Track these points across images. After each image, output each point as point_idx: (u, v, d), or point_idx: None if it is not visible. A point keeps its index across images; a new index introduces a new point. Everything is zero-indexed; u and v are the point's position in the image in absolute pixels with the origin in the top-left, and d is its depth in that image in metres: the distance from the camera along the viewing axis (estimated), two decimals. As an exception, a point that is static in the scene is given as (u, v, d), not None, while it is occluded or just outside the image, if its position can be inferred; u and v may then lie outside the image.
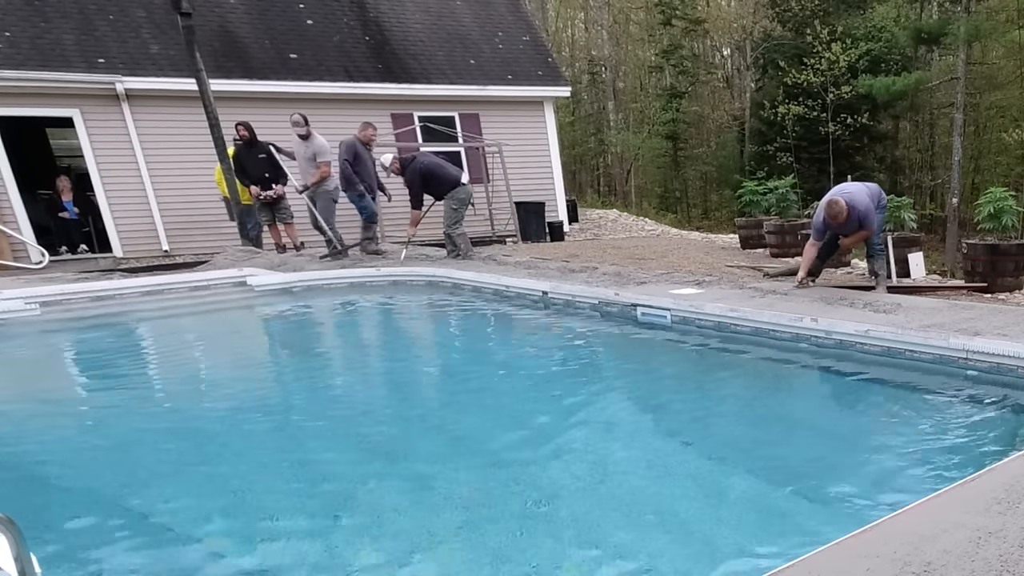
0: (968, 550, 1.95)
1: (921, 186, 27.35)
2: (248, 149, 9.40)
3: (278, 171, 9.58)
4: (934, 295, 6.86)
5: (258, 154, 9.41)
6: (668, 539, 2.61)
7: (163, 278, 7.91)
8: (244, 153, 9.42)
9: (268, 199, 9.53)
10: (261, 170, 9.46)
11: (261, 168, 9.46)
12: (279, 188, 9.57)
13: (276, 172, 9.57)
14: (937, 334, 4.33)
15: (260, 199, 9.51)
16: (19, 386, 5.01)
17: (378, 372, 5.46)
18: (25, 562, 1.21)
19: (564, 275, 7.46)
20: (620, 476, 3.20)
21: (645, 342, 5.72)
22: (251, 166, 9.43)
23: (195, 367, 5.63)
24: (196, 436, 3.83)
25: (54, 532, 2.70)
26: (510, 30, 15.32)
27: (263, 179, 9.47)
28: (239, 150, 9.43)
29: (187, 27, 8.81)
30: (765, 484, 3.12)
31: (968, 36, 21.06)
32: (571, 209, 16.32)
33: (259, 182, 9.44)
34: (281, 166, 9.58)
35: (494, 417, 4.10)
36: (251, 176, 9.44)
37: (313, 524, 2.75)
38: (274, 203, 9.66)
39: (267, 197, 9.51)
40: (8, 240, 10.48)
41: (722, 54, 33.69)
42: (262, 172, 9.47)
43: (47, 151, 13.29)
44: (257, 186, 9.43)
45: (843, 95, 21.66)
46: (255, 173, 9.44)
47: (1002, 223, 7.99)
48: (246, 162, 9.41)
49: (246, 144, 9.36)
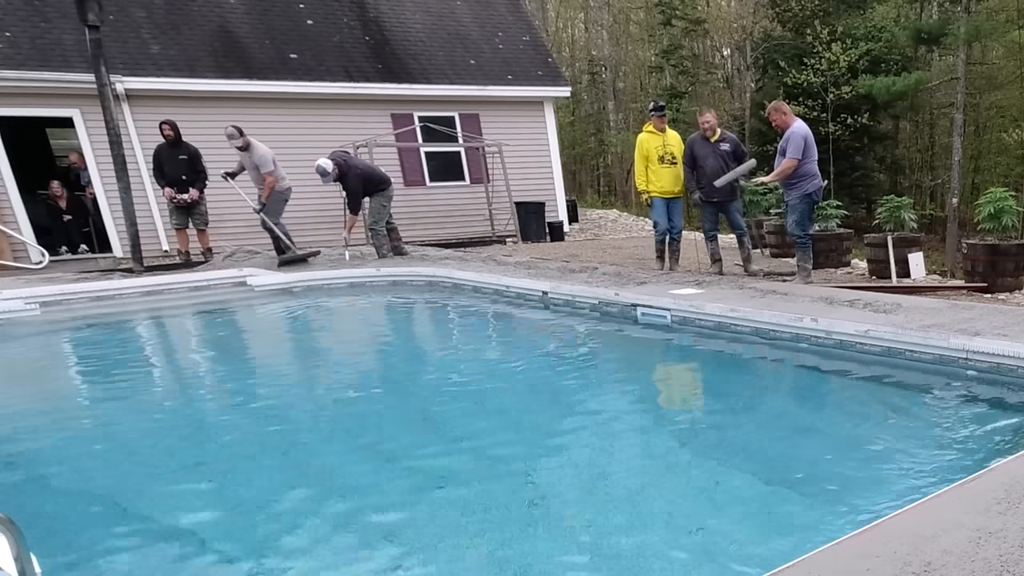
0: (968, 550, 1.95)
1: (921, 186, 27.36)
2: (170, 149, 9.17)
3: (197, 175, 9.36)
4: (934, 295, 6.86)
5: (179, 155, 9.19)
6: (668, 539, 2.61)
7: (163, 278, 7.91)
8: (165, 152, 9.17)
9: (182, 203, 9.30)
10: (179, 171, 9.22)
11: (179, 169, 9.22)
12: (194, 192, 9.33)
13: (195, 175, 9.35)
14: (937, 334, 4.33)
15: (173, 202, 9.27)
16: (19, 386, 5.01)
17: (378, 372, 5.46)
18: (25, 562, 1.21)
19: (564, 275, 7.46)
20: (620, 476, 3.20)
21: (645, 342, 5.72)
22: (170, 166, 9.19)
23: (195, 367, 5.63)
24: (196, 436, 3.83)
25: (54, 532, 2.70)
26: (510, 30, 15.32)
27: (180, 181, 9.24)
28: (160, 149, 9.21)
29: (94, 40, 8.59)
30: (764, 484, 3.12)
31: (968, 36, 21.05)
32: (571, 209, 16.32)
33: (175, 184, 9.21)
34: (202, 170, 9.37)
35: (494, 417, 4.09)
36: (168, 177, 9.20)
37: (313, 524, 2.75)
38: (190, 207, 9.41)
39: (181, 201, 9.28)
40: (8, 240, 10.48)
41: (722, 54, 33.67)
42: (179, 174, 9.23)
43: (47, 151, 13.29)
44: (172, 188, 9.19)
45: (843, 95, 21.64)
46: (172, 174, 9.19)
47: (1002, 223, 7.99)
48: (165, 162, 9.17)
49: (169, 143, 9.14)
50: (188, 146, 9.34)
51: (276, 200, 8.96)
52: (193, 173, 9.34)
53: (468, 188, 14.26)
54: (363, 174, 8.64)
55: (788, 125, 7.08)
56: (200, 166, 9.38)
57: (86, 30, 8.66)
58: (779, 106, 7.24)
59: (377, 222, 8.94)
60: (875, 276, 8.69)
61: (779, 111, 7.15)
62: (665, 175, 7.68)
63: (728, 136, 7.52)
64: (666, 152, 7.66)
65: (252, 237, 10.44)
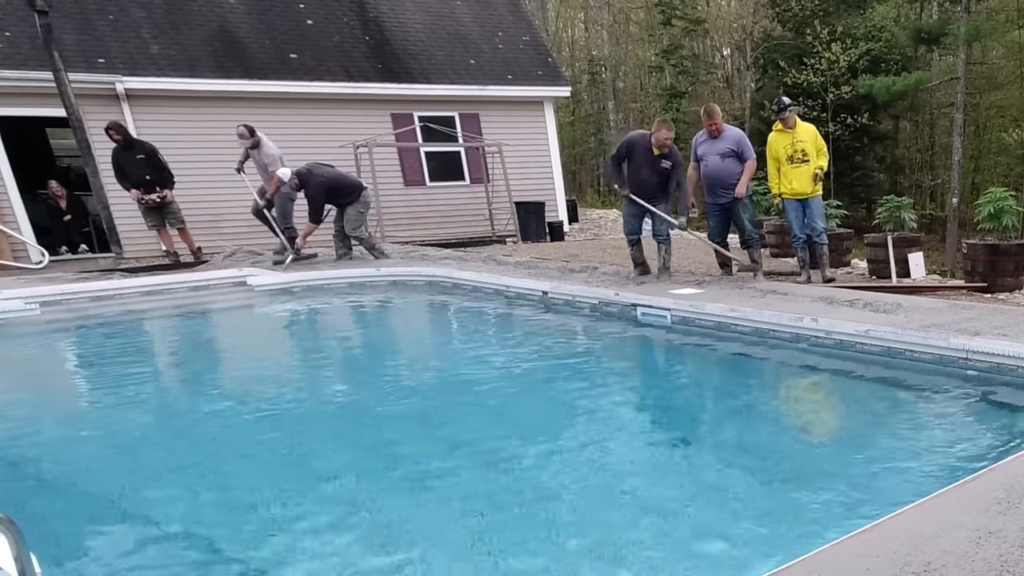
0: (968, 550, 1.95)
1: (921, 186, 27.35)
2: (125, 151, 8.97)
3: (162, 173, 9.15)
4: (934, 295, 6.86)
5: (136, 155, 8.99)
6: (667, 538, 2.61)
7: (163, 278, 7.91)
8: (122, 156, 8.99)
9: (151, 203, 9.15)
10: (141, 172, 9.02)
11: (141, 170, 9.02)
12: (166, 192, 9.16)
13: (159, 175, 9.14)
14: (937, 334, 4.33)
15: (142, 203, 9.12)
16: (19, 386, 5.01)
17: (378, 372, 5.45)
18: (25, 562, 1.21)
19: (564, 275, 7.46)
20: (619, 475, 3.20)
21: (645, 342, 5.72)
22: (130, 168, 9.01)
23: (195, 367, 5.63)
24: (196, 435, 3.83)
25: (54, 532, 2.70)
26: (510, 30, 15.32)
27: (144, 181, 9.04)
28: (116, 153, 9.02)
29: (44, 25, 8.52)
30: (764, 483, 3.12)
31: (968, 36, 21.05)
32: (571, 209, 16.32)
33: (140, 185, 9.03)
34: (166, 168, 9.17)
35: (493, 417, 4.09)
36: (131, 179, 9.03)
37: (312, 524, 2.75)
38: (161, 207, 9.25)
39: (150, 201, 9.12)
40: (8, 240, 10.48)
41: (722, 54, 33.67)
42: (142, 175, 9.02)
43: (47, 151, 13.29)
44: (138, 189, 9.02)
45: (843, 95, 21.64)
46: (135, 176, 9.01)
47: (1002, 223, 7.99)
48: (124, 164, 9.01)
49: (122, 147, 8.94)
50: (144, 145, 9.14)
51: (283, 199, 9.00)
52: (155, 171, 9.12)
53: (468, 188, 14.25)
54: (327, 183, 8.46)
55: (723, 129, 7.03)
56: (160, 163, 9.16)
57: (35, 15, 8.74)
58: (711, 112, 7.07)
59: (356, 229, 8.88)
60: (875, 276, 8.69)
61: (712, 118, 7.00)
62: (796, 175, 7.25)
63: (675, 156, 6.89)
64: (796, 151, 7.22)
65: (252, 237, 10.43)
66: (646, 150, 6.80)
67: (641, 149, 6.82)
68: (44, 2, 8.53)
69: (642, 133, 6.99)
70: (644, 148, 6.81)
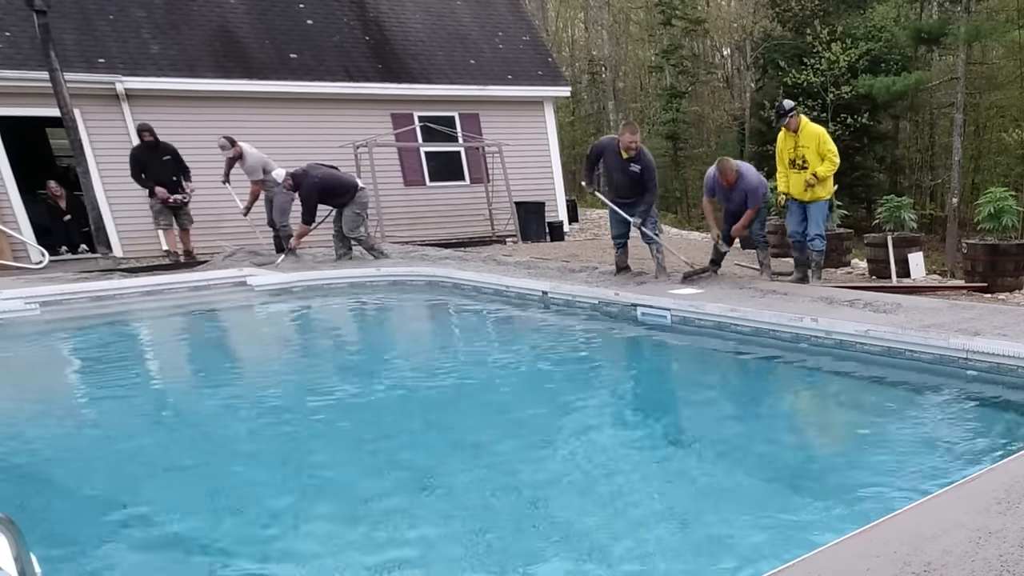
0: (968, 550, 1.95)
1: (921, 186, 27.34)
2: (152, 152, 9.21)
3: (185, 173, 9.43)
4: (934, 295, 6.86)
5: (162, 156, 9.23)
6: (667, 538, 2.61)
7: (163, 278, 7.91)
8: (146, 156, 9.21)
9: (177, 203, 9.35)
10: (168, 173, 9.27)
11: (168, 171, 9.27)
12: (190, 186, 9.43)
13: (184, 174, 9.41)
14: (937, 334, 4.33)
15: (169, 202, 9.30)
16: (19, 386, 5.01)
17: (378, 372, 5.45)
18: (25, 562, 1.21)
19: (564, 275, 7.46)
20: (619, 475, 3.20)
21: (645, 342, 5.72)
22: (156, 169, 9.25)
23: (195, 367, 5.63)
24: (197, 435, 3.83)
25: (54, 532, 2.70)
26: (510, 30, 15.31)
27: (171, 182, 9.29)
28: (138, 152, 9.23)
29: (42, 25, 8.59)
30: (764, 483, 3.12)
31: (968, 36, 21.05)
32: (571, 209, 16.30)
33: (166, 185, 9.26)
34: (187, 168, 9.46)
35: (493, 417, 4.09)
36: (157, 180, 9.24)
37: (314, 524, 2.75)
38: (179, 207, 9.48)
39: (175, 201, 9.32)
40: (8, 240, 10.48)
41: (722, 54, 33.67)
42: (169, 175, 9.28)
43: (47, 151, 13.29)
44: (164, 188, 9.23)
45: (843, 95, 21.65)
46: (162, 176, 9.25)
47: (1002, 223, 7.98)
48: (149, 165, 9.21)
49: (150, 147, 9.17)
50: (168, 145, 9.35)
51: (284, 197, 9.06)
52: (182, 172, 9.38)
53: (468, 188, 14.25)
54: (320, 184, 8.44)
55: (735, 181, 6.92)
56: (183, 162, 9.42)
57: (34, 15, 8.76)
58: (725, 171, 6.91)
59: (354, 230, 8.87)
60: (875, 276, 8.70)
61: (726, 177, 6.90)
62: (795, 180, 7.12)
63: (644, 160, 6.90)
64: (797, 156, 7.05)
65: (252, 237, 10.43)
66: (615, 153, 6.90)
67: (611, 153, 6.94)
68: (43, 2, 8.56)
69: (611, 137, 7.15)
70: (613, 152, 6.92)
